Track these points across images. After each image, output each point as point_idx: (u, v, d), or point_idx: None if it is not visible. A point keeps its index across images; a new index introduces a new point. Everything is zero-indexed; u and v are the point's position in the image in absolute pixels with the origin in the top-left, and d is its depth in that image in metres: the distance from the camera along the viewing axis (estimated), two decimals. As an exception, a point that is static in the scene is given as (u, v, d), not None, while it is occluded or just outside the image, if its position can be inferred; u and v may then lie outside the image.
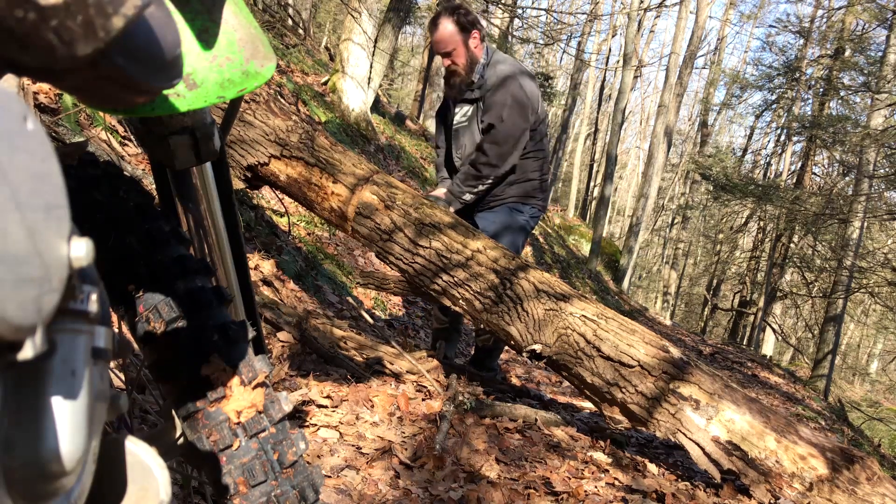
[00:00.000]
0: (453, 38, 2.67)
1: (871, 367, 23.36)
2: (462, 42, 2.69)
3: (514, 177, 2.80)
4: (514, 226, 2.82)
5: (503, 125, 2.66)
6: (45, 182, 0.36)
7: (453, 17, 2.68)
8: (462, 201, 2.75)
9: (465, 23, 2.68)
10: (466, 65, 2.72)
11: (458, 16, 2.68)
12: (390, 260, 2.35)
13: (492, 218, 2.82)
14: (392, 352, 2.56)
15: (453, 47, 2.69)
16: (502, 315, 2.19)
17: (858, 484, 1.86)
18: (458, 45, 2.69)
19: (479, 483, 1.72)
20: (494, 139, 2.67)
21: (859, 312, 18.85)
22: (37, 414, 0.41)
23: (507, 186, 2.81)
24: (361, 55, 6.72)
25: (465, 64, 2.72)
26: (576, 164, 22.93)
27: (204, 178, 0.92)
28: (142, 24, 0.47)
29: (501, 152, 2.67)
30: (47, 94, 2.60)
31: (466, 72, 2.73)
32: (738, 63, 38.85)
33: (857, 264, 10.39)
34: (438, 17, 2.72)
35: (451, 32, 2.67)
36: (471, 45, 2.71)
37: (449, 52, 2.70)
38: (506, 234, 2.79)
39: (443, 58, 2.75)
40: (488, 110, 2.72)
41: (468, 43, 2.70)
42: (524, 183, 2.82)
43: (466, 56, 2.71)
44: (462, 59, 2.71)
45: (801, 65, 14.38)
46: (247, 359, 0.78)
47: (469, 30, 2.69)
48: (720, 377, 2.08)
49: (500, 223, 2.80)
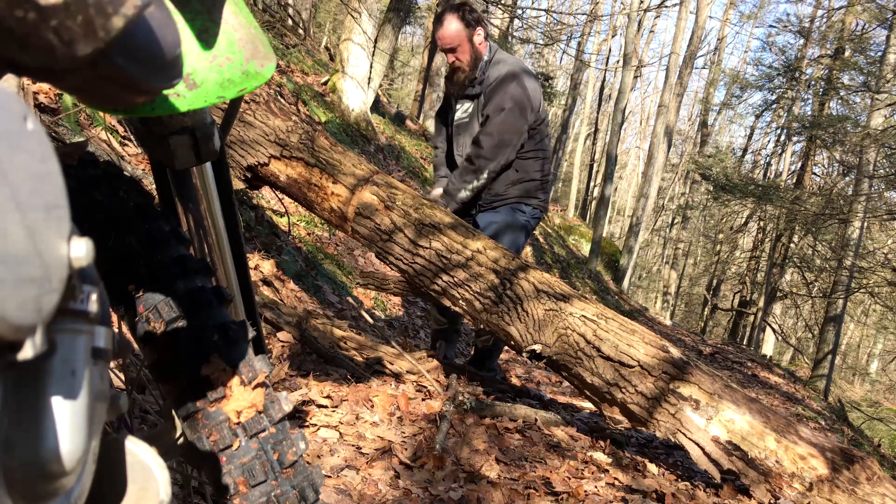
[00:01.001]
0: (458, 34, 2.70)
1: (871, 367, 23.35)
2: (466, 38, 2.71)
3: (515, 176, 2.80)
4: (516, 225, 2.83)
5: (500, 120, 2.68)
6: (45, 182, 0.36)
7: (458, 13, 2.70)
8: (459, 200, 2.75)
9: (471, 20, 2.71)
10: (470, 61, 2.75)
11: (464, 12, 2.71)
12: (390, 260, 2.35)
13: (493, 218, 2.82)
14: (392, 352, 2.56)
15: (458, 43, 2.71)
16: (502, 315, 2.19)
17: (858, 484, 1.86)
18: (462, 42, 2.71)
19: (479, 483, 1.72)
20: (490, 133, 2.69)
21: (859, 312, 18.85)
22: (37, 414, 0.41)
23: (509, 186, 2.81)
24: (361, 55, 6.72)
25: (469, 60, 2.74)
26: (576, 164, 22.92)
27: (204, 178, 0.92)
28: (142, 24, 0.47)
29: (497, 146, 2.68)
30: (47, 94, 2.60)
31: (470, 68, 2.76)
32: (738, 63, 38.85)
33: (857, 264, 10.39)
34: (444, 14, 2.74)
35: (456, 29, 2.70)
36: (475, 42, 2.74)
37: (453, 48, 2.73)
38: (507, 233, 2.79)
39: (447, 54, 2.77)
40: (488, 105, 2.74)
41: (472, 39, 2.73)
42: (526, 183, 2.83)
43: (470, 52, 2.73)
44: (466, 55, 2.73)
45: (801, 65, 14.38)
46: (247, 359, 0.78)
47: (474, 27, 2.72)
48: (720, 377, 2.08)
49: (501, 223, 2.80)
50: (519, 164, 2.79)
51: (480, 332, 2.90)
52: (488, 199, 2.84)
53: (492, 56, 2.78)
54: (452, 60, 2.76)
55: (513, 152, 2.73)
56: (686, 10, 13.68)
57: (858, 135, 10.03)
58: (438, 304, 2.56)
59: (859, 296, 13.67)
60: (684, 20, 13.68)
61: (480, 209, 2.87)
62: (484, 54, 2.77)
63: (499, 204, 2.84)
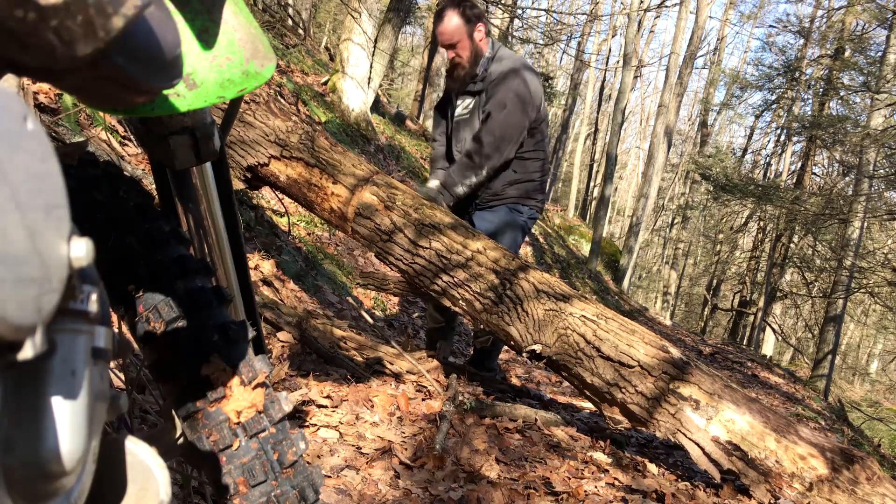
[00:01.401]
0: (458, 30, 2.68)
1: (871, 367, 23.35)
2: (467, 34, 2.69)
3: (514, 176, 2.80)
4: (514, 225, 2.82)
5: (502, 116, 2.67)
6: (45, 182, 0.36)
7: (459, 9, 2.68)
8: (455, 193, 2.73)
9: (471, 15, 2.69)
10: (470, 57, 2.73)
11: (464, 8, 2.68)
12: (390, 260, 2.35)
13: (491, 217, 2.82)
14: (392, 352, 2.56)
15: (458, 39, 2.69)
16: (502, 315, 2.19)
17: (858, 484, 1.86)
18: (462, 38, 2.69)
19: (479, 483, 1.72)
20: (491, 129, 2.68)
21: (859, 312, 18.85)
22: (37, 414, 0.41)
23: (508, 186, 2.81)
24: (361, 55, 6.72)
25: (469, 56, 2.73)
26: (576, 164, 22.92)
27: (204, 178, 0.92)
28: (142, 24, 0.47)
29: (497, 143, 2.67)
30: (47, 94, 2.61)
31: (470, 64, 2.74)
32: (738, 63, 38.88)
33: (857, 264, 10.39)
34: (444, 9, 2.72)
35: (456, 24, 2.68)
36: (476, 38, 2.72)
37: (454, 43, 2.71)
38: (506, 233, 2.78)
39: (447, 50, 2.76)
40: (489, 101, 2.73)
41: (473, 35, 2.71)
42: (525, 183, 2.82)
43: (471, 48, 2.72)
44: (466, 51, 2.72)
45: (801, 65, 14.38)
46: (247, 359, 0.78)
47: (474, 22, 2.70)
48: (720, 377, 2.08)
49: (499, 222, 2.80)
50: (518, 163, 2.78)
51: (479, 332, 2.90)
52: (486, 198, 2.83)
53: (494, 52, 2.77)
54: (452, 56, 2.74)
55: (513, 150, 2.72)
56: (686, 10, 13.68)
57: (858, 135, 10.02)
58: (437, 303, 2.56)
59: (859, 296, 13.67)
60: (684, 20, 13.68)
61: (477, 207, 2.87)
62: (485, 51, 2.75)
63: (496, 203, 2.83)
